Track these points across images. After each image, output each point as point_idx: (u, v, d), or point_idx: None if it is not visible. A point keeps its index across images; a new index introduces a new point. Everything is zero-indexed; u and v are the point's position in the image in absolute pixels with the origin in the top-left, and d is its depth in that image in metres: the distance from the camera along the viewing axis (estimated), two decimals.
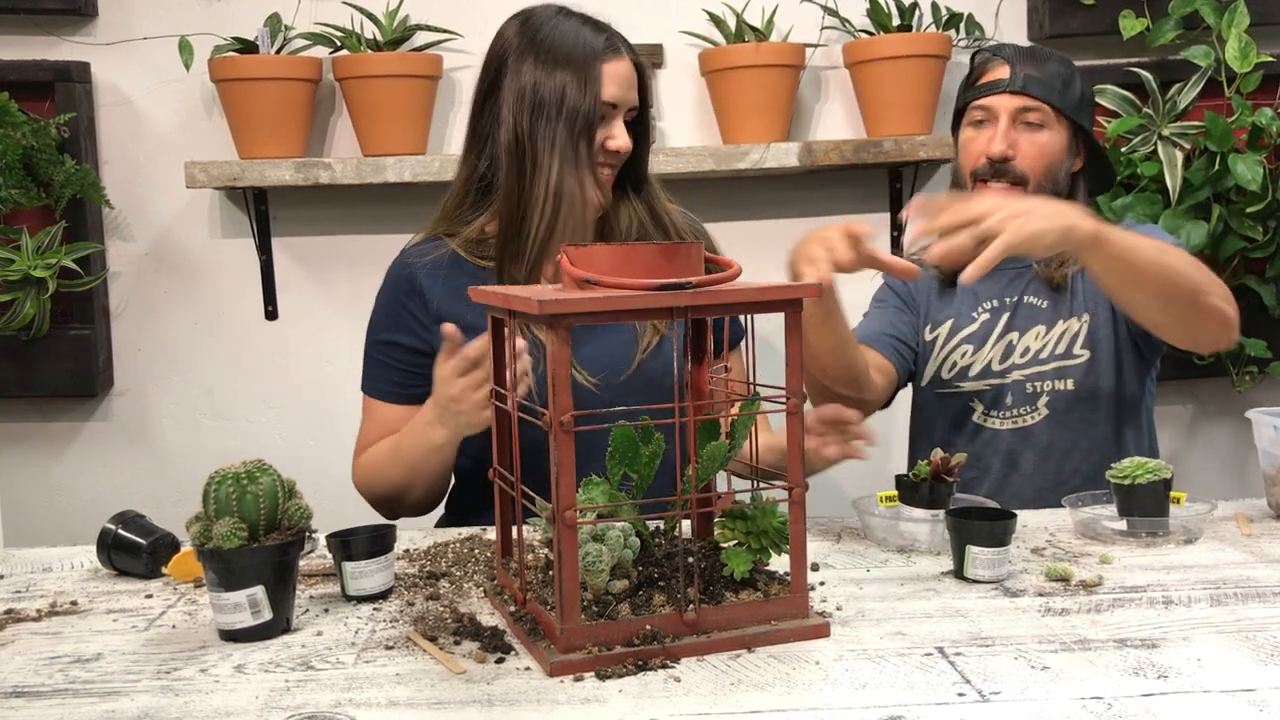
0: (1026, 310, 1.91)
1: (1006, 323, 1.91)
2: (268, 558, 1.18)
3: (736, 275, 1.15)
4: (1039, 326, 1.90)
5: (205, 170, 2.39)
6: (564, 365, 1.05)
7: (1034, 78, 1.84)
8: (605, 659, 1.07)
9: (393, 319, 1.76)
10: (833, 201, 2.63)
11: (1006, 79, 1.85)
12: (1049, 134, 1.85)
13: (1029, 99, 1.84)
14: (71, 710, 1.03)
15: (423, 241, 1.79)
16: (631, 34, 2.61)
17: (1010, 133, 1.84)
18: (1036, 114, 1.84)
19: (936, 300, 1.98)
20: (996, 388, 1.90)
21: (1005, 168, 1.84)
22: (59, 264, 2.39)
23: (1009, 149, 1.84)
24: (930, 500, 1.44)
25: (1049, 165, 1.85)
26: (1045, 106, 1.84)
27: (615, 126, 1.70)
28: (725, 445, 1.17)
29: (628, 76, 1.70)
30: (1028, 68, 1.85)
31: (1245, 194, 2.34)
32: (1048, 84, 1.85)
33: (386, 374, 1.76)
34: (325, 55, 2.49)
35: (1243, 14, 2.31)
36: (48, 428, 2.63)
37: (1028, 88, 1.84)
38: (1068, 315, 1.89)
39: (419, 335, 1.73)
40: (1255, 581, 1.29)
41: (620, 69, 1.69)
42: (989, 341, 1.91)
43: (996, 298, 1.93)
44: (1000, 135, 1.84)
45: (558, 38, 1.69)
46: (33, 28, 2.50)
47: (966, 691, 1.01)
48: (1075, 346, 1.87)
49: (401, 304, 1.75)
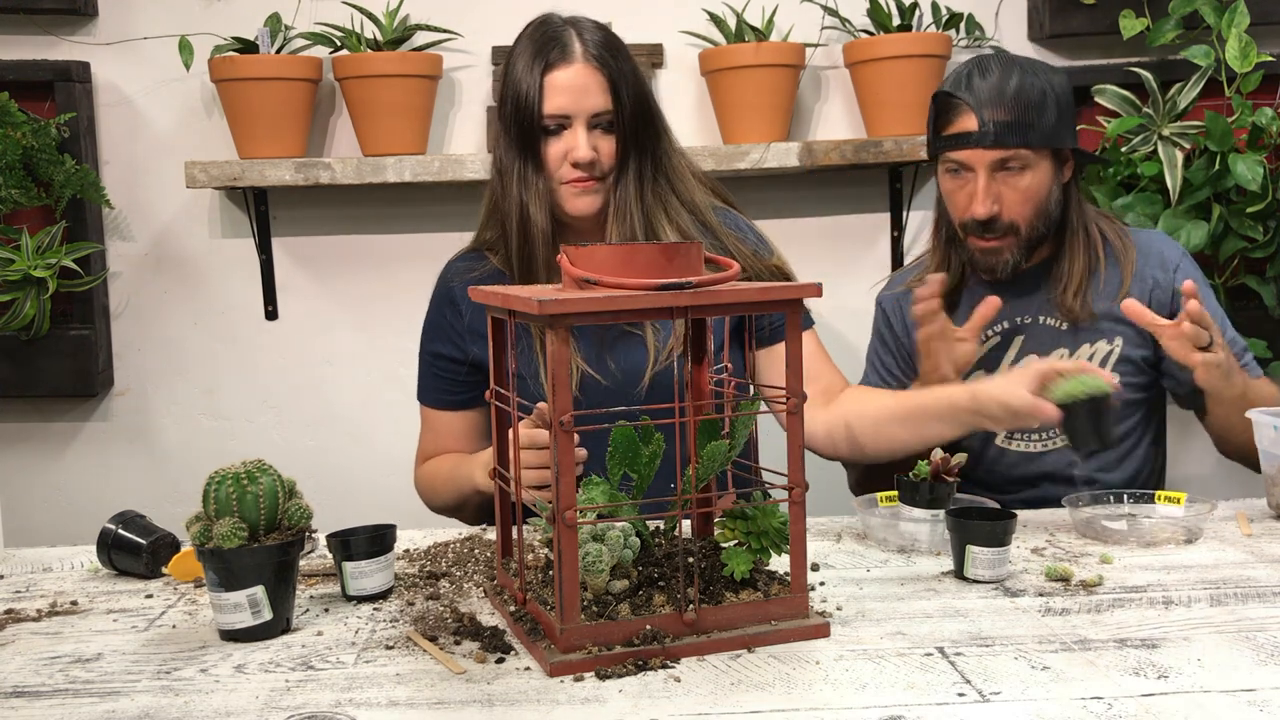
0: (1044, 332, 1.86)
1: (1022, 345, 1.86)
2: (268, 558, 1.18)
3: (736, 275, 1.15)
4: (1061, 349, 1.84)
5: (205, 170, 2.39)
6: (564, 365, 1.05)
7: (1004, 123, 1.73)
8: (605, 659, 1.07)
9: (435, 329, 1.82)
10: (833, 202, 2.63)
11: (976, 131, 1.75)
12: (1031, 174, 1.77)
13: (1004, 151, 1.75)
14: (71, 710, 1.03)
15: (468, 254, 1.83)
16: (631, 34, 2.62)
17: (991, 187, 1.76)
18: (1015, 160, 1.76)
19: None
20: None
21: (993, 224, 1.78)
22: (59, 264, 2.39)
23: (994, 205, 1.77)
24: (930, 500, 1.44)
25: (1037, 207, 1.79)
26: (1023, 151, 1.75)
27: (573, 137, 1.66)
28: (725, 445, 1.17)
29: (578, 84, 1.65)
30: (996, 113, 1.74)
31: (1245, 194, 2.34)
32: (1020, 124, 1.74)
33: (434, 383, 1.83)
34: (325, 55, 2.49)
35: (1243, 14, 2.31)
36: (48, 428, 2.63)
37: (1001, 139, 1.74)
38: (1094, 339, 1.84)
39: (457, 345, 1.78)
40: (1255, 581, 1.29)
41: (567, 77, 1.65)
42: (1003, 366, 1.87)
43: (1006, 319, 1.87)
44: (981, 195, 1.76)
45: (520, 49, 1.68)
46: (33, 27, 2.50)
47: (966, 691, 1.01)
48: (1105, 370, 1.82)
49: (443, 315, 1.81)
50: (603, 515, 1.17)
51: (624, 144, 1.69)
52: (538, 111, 1.64)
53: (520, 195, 1.68)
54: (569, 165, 1.67)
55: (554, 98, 1.64)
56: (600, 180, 1.69)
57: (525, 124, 1.66)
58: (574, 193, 1.69)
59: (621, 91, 1.67)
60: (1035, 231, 1.81)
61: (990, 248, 1.81)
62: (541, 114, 1.64)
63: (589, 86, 1.66)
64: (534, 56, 1.66)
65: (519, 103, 1.66)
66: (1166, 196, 2.34)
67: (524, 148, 1.67)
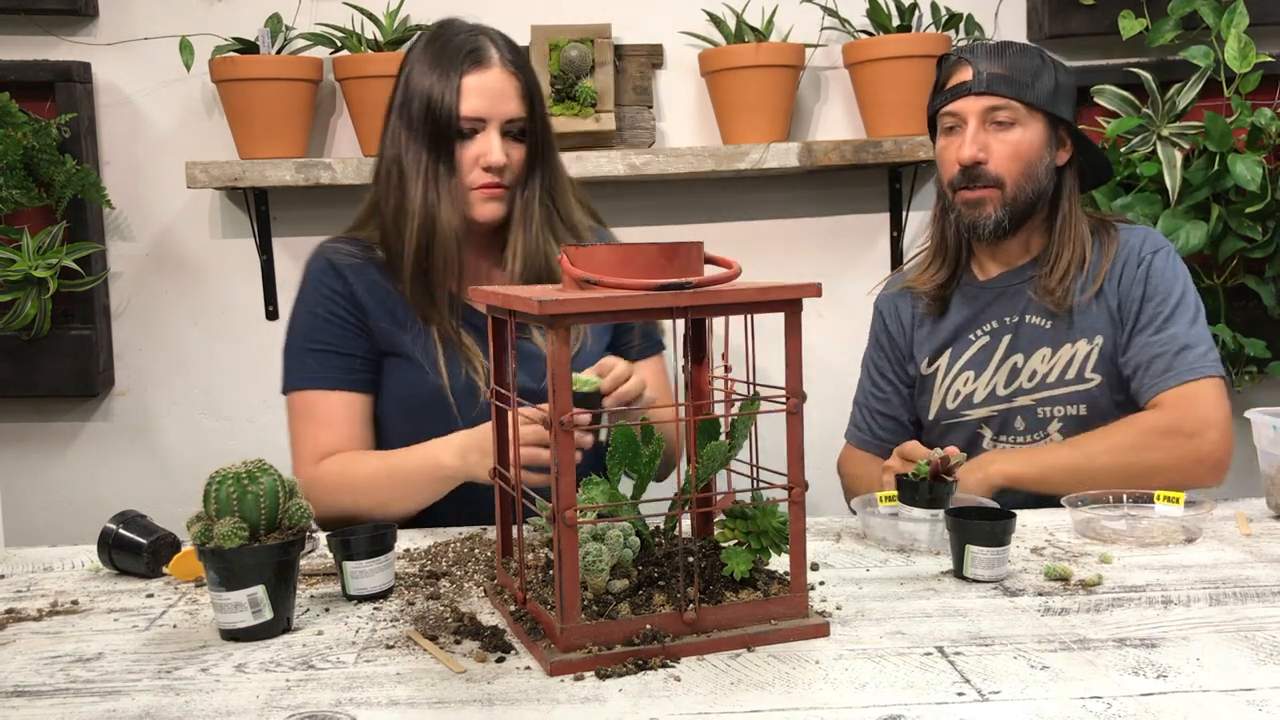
0: (1029, 331, 1.86)
1: (1009, 345, 1.86)
2: (268, 557, 1.18)
3: (736, 275, 1.15)
4: (1044, 349, 1.84)
5: (206, 170, 2.39)
6: (564, 365, 1.05)
7: (998, 75, 1.79)
8: (605, 658, 1.07)
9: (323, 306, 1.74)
10: (833, 202, 2.64)
11: (970, 80, 1.80)
12: (1021, 131, 1.80)
13: (995, 98, 1.79)
14: (72, 710, 1.04)
15: (347, 239, 1.79)
16: (631, 34, 2.62)
17: (980, 135, 1.80)
18: (1006, 112, 1.79)
19: (931, 329, 1.94)
20: (1003, 413, 1.85)
21: (978, 172, 1.80)
22: (60, 264, 2.39)
23: (980, 152, 1.80)
24: (930, 500, 1.44)
25: (1025, 165, 1.80)
26: (1014, 103, 1.79)
27: (485, 141, 1.66)
28: (725, 445, 1.17)
29: (496, 88, 1.66)
30: (991, 66, 1.79)
31: (1244, 194, 2.34)
32: (1013, 80, 1.79)
33: (327, 362, 1.73)
34: (326, 55, 2.49)
35: (1242, 14, 2.31)
36: (48, 428, 2.63)
37: (992, 86, 1.78)
38: (1075, 338, 1.83)
39: (356, 316, 1.73)
40: (1255, 581, 1.30)
41: (486, 81, 1.65)
42: (990, 366, 1.87)
43: (995, 319, 1.89)
44: (969, 139, 1.80)
45: (438, 48, 1.68)
46: (33, 28, 2.50)
47: (966, 691, 1.01)
48: (1086, 370, 1.81)
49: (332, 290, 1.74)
50: (603, 515, 1.17)
51: (533, 153, 1.71)
52: (455, 113, 1.64)
53: (427, 196, 1.67)
54: (479, 170, 1.67)
55: (471, 100, 1.65)
56: (507, 189, 1.70)
57: (439, 125, 1.65)
58: (482, 198, 1.69)
59: (535, 101, 1.69)
60: (1021, 192, 1.81)
61: (974, 199, 1.82)
62: (458, 116, 1.64)
63: (506, 92, 1.67)
64: (450, 59, 1.66)
65: (431, 104, 1.65)
66: (1166, 197, 2.34)
67: (435, 149, 1.66)
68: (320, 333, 1.73)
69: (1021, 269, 1.89)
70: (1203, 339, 1.77)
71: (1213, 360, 1.76)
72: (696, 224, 2.61)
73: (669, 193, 2.61)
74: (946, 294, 1.93)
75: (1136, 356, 1.77)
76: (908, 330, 1.97)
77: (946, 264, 1.93)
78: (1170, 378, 1.73)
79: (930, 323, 1.95)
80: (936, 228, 1.96)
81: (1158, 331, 1.77)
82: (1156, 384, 1.74)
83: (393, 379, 1.74)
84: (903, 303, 1.99)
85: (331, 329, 1.73)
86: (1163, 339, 1.76)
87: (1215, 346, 1.79)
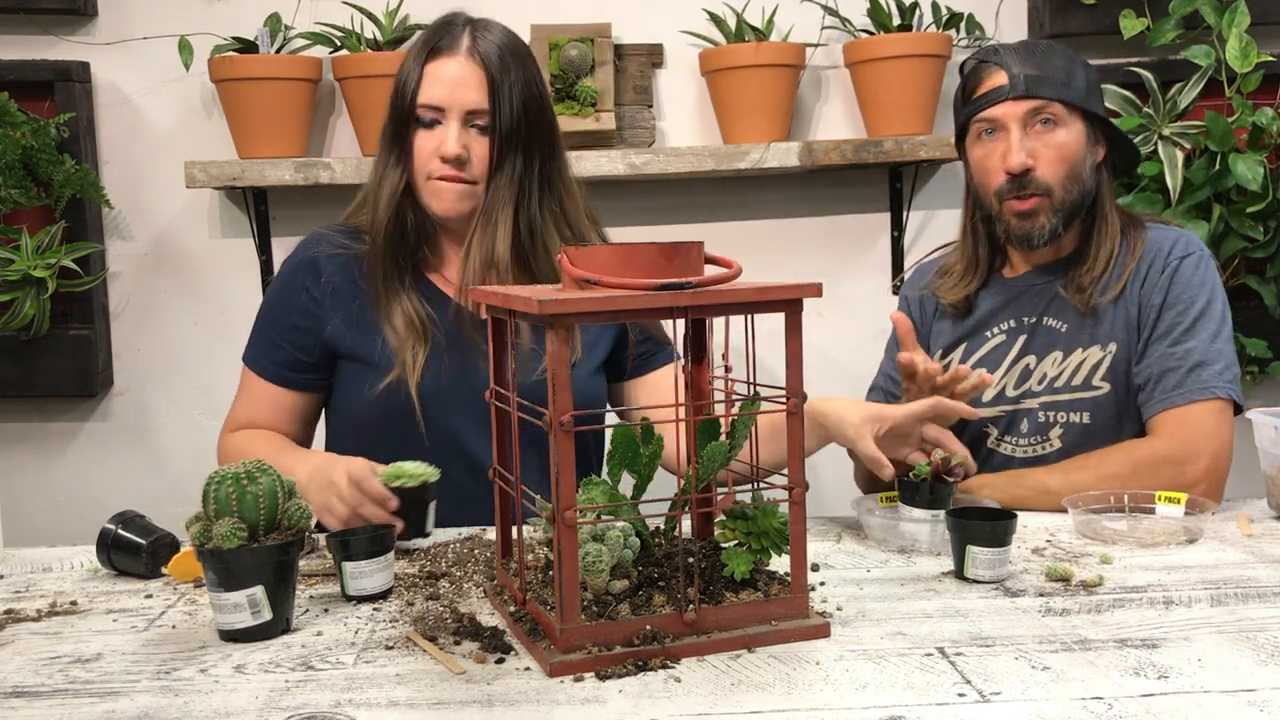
0: (1045, 333, 1.81)
1: (1024, 345, 1.83)
2: (267, 558, 1.18)
3: (737, 275, 1.15)
4: (1055, 352, 1.80)
5: (205, 170, 2.39)
6: (564, 365, 1.05)
7: (1035, 77, 1.73)
8: (605, 659, 1.07)
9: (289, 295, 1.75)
10: (833, 201, 2.63)
11: (1007, 85, 1.74)
12: (1065, 132, 1.75)
13: (1036, 101, 1.73)
14: (71, 710, 1.03)
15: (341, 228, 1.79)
16: (631, 33, 2.62)
17: (1025, 141, 1.74)
18: (1048, 114, 1.74)
19: (952, 322, 1.91)
20: (1011, 413, 1.82)
21: (1028, 179, 1.74)
22: (59, 264, 2.39)
23: (1028, 159, 1.74)
24: (930, 500, 1.44)
25: (1071, 168, 1.75)
26: (1055, 104, 1.74)
27: (443, 131, 1.63)
28: (725, 445, 1.17)
29: (456, 77, 1.62)
30: (1026, 68, 1.74)
31: (1246, 194, 2.34)
32: (1051, 80, 1.74)
33: (272, 353, 1.76)
34: (325, 55, 2.49)
35: (1243, 14, 2.31)
36: (48, 428, 2.63)
37: (1031, 89, 1.73)
38: (1088, 343, 1.78)
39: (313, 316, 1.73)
40: (1256, 581, 1.29)
41: (449, 69, 1.62)
42: (1004, 364, 1.84)
43: (1014, 317, 1.85)
44: (1016, 146, 1.73)
45: (423, 36, 1.68)
46: (32, 27, 2.50)
47: (967, 692, 1.01)
48: (1095, 378, 1.77)
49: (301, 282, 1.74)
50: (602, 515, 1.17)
51: (499, 150, 1.64)
52: (411, 100, 1.63)
53: (381, 183, 1.68)
54: (438, 160, 1.64)
55: (430, 88, 1.63)
56: (471, 184, 1.65)
57: (400, 112, 1.65)
58: (438, 190, 1.65)
59: (500, 94, 1.62)
60: (1070, 195, 1.76)
61: (1026, 209, 1.76)
62: (415, 103, 1.63)
63: (466, 80, 1.62)
64: (422, 46, 1.65)
65: (397, 90, 1.65)
66: (1167, 196, 2.34)
67: (398, 136, 1.66)
68: (276, 325, 1.76)
69: (1049, 267, 1.84)
70: (1221, 355, 1.70)
71: (1227, 380, 1.69)
72: (696, 224, 2.61)
73: (669, 192, 2.61)
74: (971, 301, 1.90)
75: (1149, 368, 1.72)
76: (929, 322, 1.95)
77: (979, 275, 1.89)
78: (1178, 395, 1.68)
79: (952, 316, 1.92)
80: (968, 242, 1.90)
81: (1175, 343, 1.71)
82: (1163, 401, 1.69)
83: (346, 383, 1.74)
84: (928, 295, 1.96)
85: (287, 324, 1.74)
86: (1178, 352, 1.70)
87: (1235, 364, 1.72)
